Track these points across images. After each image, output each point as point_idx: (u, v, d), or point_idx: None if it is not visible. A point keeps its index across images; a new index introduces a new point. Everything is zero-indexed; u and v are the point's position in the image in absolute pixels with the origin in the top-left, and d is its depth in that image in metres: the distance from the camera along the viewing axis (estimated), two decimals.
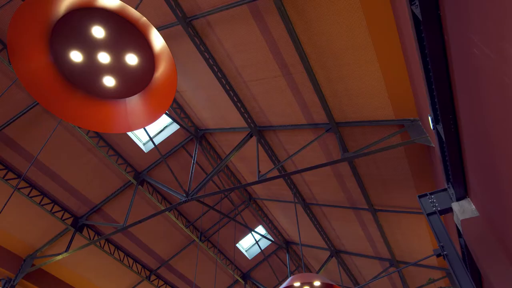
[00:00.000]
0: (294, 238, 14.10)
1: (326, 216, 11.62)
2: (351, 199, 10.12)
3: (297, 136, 8.82)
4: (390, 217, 9.99)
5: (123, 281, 12.29)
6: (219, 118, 9.64)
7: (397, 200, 9.31)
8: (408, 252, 11.33)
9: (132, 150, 10.08)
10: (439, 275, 10.82)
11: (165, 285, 13.13)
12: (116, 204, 10.79)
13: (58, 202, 10.00)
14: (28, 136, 8.79)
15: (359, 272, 14.16)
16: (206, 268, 13.54)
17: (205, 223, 12.55)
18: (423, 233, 9.90)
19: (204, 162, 11.27)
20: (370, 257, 12.44)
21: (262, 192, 12.28)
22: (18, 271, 9.94)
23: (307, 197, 11.15)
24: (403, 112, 6.73)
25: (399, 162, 8.06)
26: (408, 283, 12.60)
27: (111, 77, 3.02)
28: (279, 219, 13.48)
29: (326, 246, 12.83)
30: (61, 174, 9.64)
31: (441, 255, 4.00)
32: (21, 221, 9.76)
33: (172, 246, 12.65)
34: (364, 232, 11.34)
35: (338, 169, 9.21)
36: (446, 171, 4.54)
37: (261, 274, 15.07)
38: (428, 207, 4.62)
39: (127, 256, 11.87)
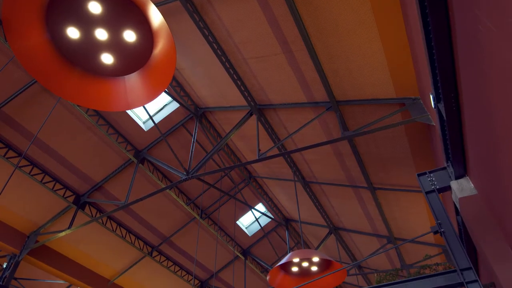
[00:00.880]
0: (293, 215, 14.30)
1: (325, 194, 11.74)
2: (350, 177, 10.19)
3: (297, 115, 8.79)
4: (389, 195, 10.10)
5: (126, 257, 12.55)
6: (219, 96, 9.58)
7: (396, 179, 9.38)
8: (406, 230, 11.52)
9: (132, 128, 10.06)
10: (436, 251, 11.03)
11: (166, 261, 13.41)
12: (117, 182, 10.88)
13: (59, 180, 10.07)
14: (27, 114, 8.76)
15: (357, 248, 14.44)
16: (207, 245, 13.80)
17: (205, 201, 12.69)
18: (421, 211, 10.03)
19: (204, 140, 11.28)
20: (368, 234, 12.65)
21: (262, 170, 12.35)
22: (23, 248, 10.13)
23: (306, 175, 11.22)
24: (404, 91, 6.68)
25: (399, 141, 8.06)
26: (405, 260, 12.88)
27: (109, 55, 2.98)
28: (279, 197, 13.62)
29: (325, 223, 13.03)
30: (62, 153, 9.67)
31: (438, 232, 4.06)
32: (24, 199, 9.87)
33: (173, 223, 12.84)
34: (363, 210, 11.49)
35: (338, 148, 9.23)
36: (446, 149, 4.55)
37: (261, 251, 15.37)
38: (427, 186, 4.66)
39: (129, 233, 12.07)
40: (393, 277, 5.76)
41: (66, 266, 11.24)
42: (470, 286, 3.58)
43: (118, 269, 12.64)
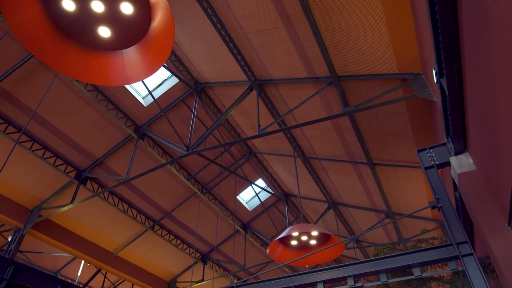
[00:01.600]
0: (293, 190, 14.45)
1: (325, 170, 11.81)
2: (350, 153, 10.22)
3: (298, 90, 8.71)
4: (388, 171, 10.16)
5: (128, 231, 12.78)
6: (218, 71, 9.46)
7: (395, 155, 9.41)
8: (404, 205, 11.67)
9: (131, 104, 10.00)
10: (432, 226, 11.22)
11: (168, 235, 13.67)
12: (117, 157, 10.92)
13: (60, 155, 10.11)
14: (25, 89, 8.68)
15: (355, 223, 14.68)
16: (208, 219, 14.02)
17: (205, 176, 12.79)
18: (419, 187, 10.12)
19: (204, 116, 11.24)
20: (366, 209, 12.83)
21: (262, 146, 12.37)
22: (27, 222, 10.30)
23: (306, 151, 11.25)
24: (406, 66, 6.59)
25: (399, 117, 8.03)
26: (402, 234, 13.12)
27: (106, 28, 2.91)
28: (279, 172, 13.71)
29: (324, 198, 13.18)
30: (62, 128, 9.65)
31: (436, 207, 4.11)
32: (26, 174, 9.94)
33: (174, 198, 13.00)
34: (362, 185, 11.60)
35: (339, 124, 9.21)
36: (447, 125, 4.54)
37: (261, 225, 15.63)
38: (427, 161, 4.68)
39: (131, 208, 12.23)
40: (390, 250, 5.88)
41: (69, 239, 11.46)
42: (465, 259, 3.65)
43: (120, 243, 12.90)
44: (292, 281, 4.49)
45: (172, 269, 14.95)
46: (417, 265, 4.00)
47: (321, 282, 4.36)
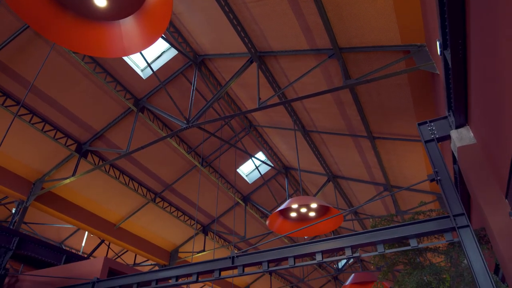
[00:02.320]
0: (293, 164, 14.54)
1: (325, 143, 11.83)
2: (350, 126, 10.20)
3: (298, 62, 8.58)
4: (388, 144, 10.18)
5: (130, 203, 12.97)
6: (218, 43, 9.28)
7: (396, 128, 9.39)
8: (403, 178, 11.77)
9: (130, 76, 9.89)
10: (430, 199, 11.37)
11: (169, 207, 13.88)
12: (118, 130, 10.92)
13: (60, 128, 10.10)
14: (22, 62, 8.56)
15: (354, 196, 14.87)
16: (208, 191, 14.19)
17: (206, 149, 12.83)
18: (419, 160, 10.17)
19: (204, 89, 11.13)
20: (365, 182, 12.95)
21: (262, 119, 12.34)
22: (29, 194, 10.43)
23: (307, 124, 11.23)
24: (410, 37, 6.45)
25: (401, 90, 7.95)
26: (400, 206, 13.31)
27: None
28: (279, 145, 13.75)
29: (324, 171, 13.29)
30: (61, 101, 9.59)
31: (435, 180, 4.14)
32: (26, 147, 9.97)
33: (174, 171, 13.10)
34: (362, 159, 11.66)
35: (339, 96, 9.13)
36: (449, 98, 4.50)
37: (261, 197, 15.85)
38: (427, 135, 4.67)
39: (132, 180, 12.35)
40: (387, 222, 5.98)
41: (73, 211, 11.66)
42: (461, 230, 3.72)
43: (123, 214, 13.12)
44: (291, 251, 4.60)
45: (174, 240, 15.29)
46: (414, 236, 4.08)
47: (319, 252, 4.47)
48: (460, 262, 5.47)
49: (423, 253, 5.87)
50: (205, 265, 5.17)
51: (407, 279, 5.34)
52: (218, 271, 5.01)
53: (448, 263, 5.62)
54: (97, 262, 6.69)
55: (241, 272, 4.88)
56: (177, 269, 5.38)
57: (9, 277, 7.58)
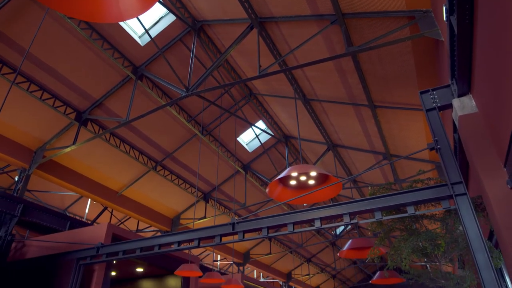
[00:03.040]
0: (293, 132, 14.55)
1: (325, 112, 11.77)
2: (351, 95, 10.11)
3: (300, 29, 8.37)
4: (389, 113, 10.13)
5: (131, 171, 13.10)
6: (217, 8, 9.01)
7: (397, 97, 9.31)
8: (402, 147, 11.81)
9: (127, 43, 9.68)
10: (429, 168, 11.47)
11: (170, 175, 14.03)
12: (117, 99, 10.84)
13: (58, 97, 10.02)
14: (17, 28, 8.35)
15: (353, 164, 14.99)
16: (209, 160, 14.30)
17: (206, 118, 12.80)
18: (419, 129, 10.16)
19: (203, 56, 10.94)
20: (365, 151, 13.01)
21: (262, 87, 12.21)
22: (31, 162, 10.51)
23: (307, 92, 11.12)
24: (415, 2, 6.25)
25: (404, 57, 7.81)
26: (398, 175, 13.45)
27: None
28: (279, 114, 13.70)
29: (324, 140, 13.31)
30: (58, 69, 9.45)
31: (434, 149, 4.15)
32: (26, 116, 9.93)
33: (175, 140, 13.14)
34: (362, 128, 11.64)
35: (341, 64, 8.99)
36: (453, 66, 4.42)
37: (261, 166, 15.99)
38: (428, 103, 4.63)
39: (133, 149, 12.41)
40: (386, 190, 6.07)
41: (75, 179, 11.80)
42: (458, 198, 3.77)
43: (124, 182, 13.29)
44: (291, 218, 4.69)
45: (175, 207, 15.59)
46: (411, 203, 4.14)
47: (318, 219, 4.56)
48: (455, 229, 5.60)
49: (419, 220, 5.99)
50: (207, 231, 5.30)
51: (403, 244, 5.49)
52: (219, 237, 5.13)
53: (444, 230, 5.76)
54: (100, 228, 6.85)
55: (241, 238, 5.00)
56: (179, 235, 5.51)
57: (16, 242, 7.80)
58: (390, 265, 5.74)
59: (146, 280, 10.38)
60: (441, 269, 5.88)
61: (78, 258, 6.30)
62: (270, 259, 22.86)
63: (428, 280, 6.12)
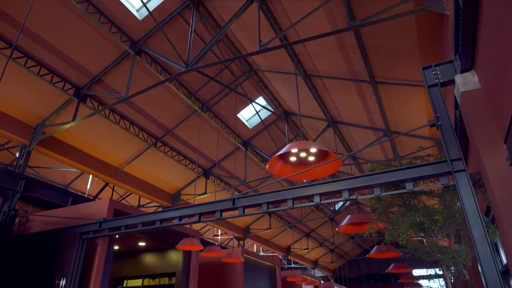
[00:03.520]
0: (293, 109, 14.48)
1: (326, 88, 11.68)
2: (353, 71, 10.00)
3: (301, 2, 8.17)
4: (390, 89, 10.05)
5: (132, 147, 13.14)
6: None
7: (399, 73, 9.21)
8: (403, 124, 11.79)
9: (125, 17, 9.47)
10: (429, 144, 11.48)
11: (171, 151, 14.08)
12: (115, 74, 10.72)
13: (56, 72, 9.90)
14: (12, 2, 8.14)
15: (353, 141, 15.01)
16: (209, 136, 14.31)
17: (206, 94, 12.71)
18: (420, 106, 10.11)
19: (203, 31, 10.73)
20: (365, 127, 12.99)
21: (263, 63, 12.06)
22: (31, 138, 10.52)
23: (308, 68, 10.99)
24: None
25: (407, 33, 7.67)
26: (398, 152, 13.49)
27: None
28: (279, 90, 13.59)
29: (324, 117, 13.27)
30: (55, 44, 9.29)
31: (435, 125, 4.13)
32: (24, 92, 9.85)
33: (175, 116, 13.10)
34: (363, 104, 11.58)
35: (343, 39, 8.83)
36: (457, 40, 4.34)
37: (261, 142, 16.01)
38: (431, 79, 4.57)
39: (133, 125, 12.39)
40: (385, 166, 6.10)
41: (76, 155, 11.84)
42: (457, 174, 3.79)
43: (125, 158, 13.35)
44: (290, 193, 4.74)
45: (176, 183, 15.73)
46: (411, 180, 4.17)
47: (317, 195, 4.60)
48: (453, 205, 5.66)
49: (418, 196, 6.05)
50: (207, 206, 5.36)
51: (401, 220, 5.57)
52: (219, 212, 5.20)
53: (441, 206, 5.83)
54: (103, 204, 6.93)
55: (242, 213, 5.07)
56: (181, 210, 5.58)
57: (20, 217, 7.91)
58: (387, 240, 5.85)
59: (148, 254, 10.62)
60: (438, 243, 6.00)
61: (81, 232, 6.41)
62: (270, 234, 23.30)
63: (425, 254, 6.25)
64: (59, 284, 6.11)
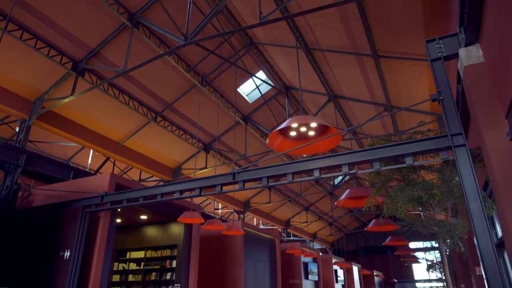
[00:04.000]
0: (294, 83, 14.34)
1: (327, 62, 11.51)
2: (355, 44, 9.82)
3: None
4: (393, 63, 9.90)
5: (131, 122, 13.11)
6: None
7: (402, 47, 9.05)
8: (404, 99, 11.70)
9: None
10: (429, 119, 11.44)
11: (171, 126, 14.06)
12: (113, 47, 10.54)
13: (53, 45, 9.73)
14: None
15: (354, 116, 14.96)
16: (209, 111, 14.24)
17: (205, 68, 12.54)
18: (422, 81, 10.00)
19: (202, 2, 10.45)
20: (366, 102, 12.91)
21: (263, 36, 11.83)
22: (31, 113, 10.47)
23: (309, 42, 10.79)
24: None
25: (411, 4, 7.47)
26: (398, 127, 13.47)
27: None
28: (280, 64, 13.41)
29: (325, 91, 13.16)
30: (51, 16, 9.08)
31: (437, 100, 4.09)
32: (21, 66, 9.72)
33: (174, 90, 12.98)
34: (364, 78, 11.45)
35: (346, 11, 8.62)
36: (462, 12, 4.23)
37: (261, 117, 15.96)
38: (434, 53, 4.48)
39: (132, 99, 12.31)
40: (385, 141, 6.10)
41: (76, 130, 11.83)
42: (457, 149, 3.79)
43: (125, 133, 13.35)
44: (290, 168, 4.76)
45: (177, 157, 15.81)
46: (410, 154, 4.17)
47: (317, 169, 4.62)
48: (452, 179, 5.71)
49: (417, 170, 6.09)
50: (208, 180, 5.40)
51: (399, 194, 5.63)
52: (219, 186, 5.25)
53: (440, 180, 5.88)
54: (104, 178, 6.99)
55: (242, 187, 5.11)
56: (181, 184, 5.63)
57: (22, 191, 8.00)
58: (385, 213, 5.93)
59: (150, 227, 10.81)
60: (435, 217, 6.09)
61: (84, 206, 6.50)
62: (270, 208, 23.66)
63: (422, 227, 6.36)
64: (64, 255, 6.26)
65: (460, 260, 16.48)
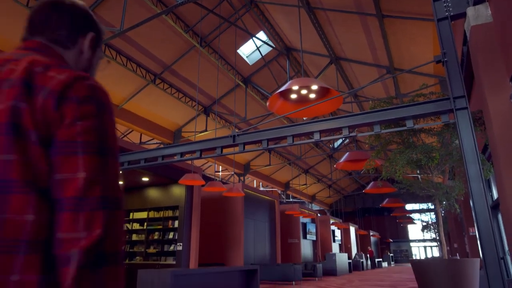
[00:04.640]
0: (295, 44, 14.00)
1: (330, 22, 11.17)
2: (359, 3, 9.48)
3: None
4: (397, 24, 9.61)
5: (130, 85, 12.94)
6: None
7: (407, 5, 8.73)
8: (408, 61, 11.48)
9: None
10: (432, 82, 11.29)
11: (170, 88, 13.90)
12: (108, 6, 10.16)
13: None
14: None
15: (355, 78, 14.74)
16: (209, 73, 14.01)
17: (204, 28, 12.19)
18: (426, 42, 9.75)
19: None
20: (369, 64, 12.67)
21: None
22: None
23: (312, 0, 10.41)
24: None
25: None
26: (400, 89, 13.31)
27: None
28: (281, 24, 13.01)
29: (327, 53, 12.88)
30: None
31: (441, 62, 4.01)
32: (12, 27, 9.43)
33: (173, 52, 12.70)
34: (367, 39, 11.16)
35: None
36: None
37: (261, 79, 15.74)
38: (441, 12, 4.32)
39: (130, 61, 12.07)
40: (386, 104, 6.05)
41: None
42: (459, 112, 3.77)
43: (124, 96, 13.23)
44: (290, 130, 4.76)
45: (177, 120, 15.77)
46: (411, 117, 4.16)
47: (317, 132, 4.63)
48: (451, 143, 5.72)
49: (417, 133, 6.09)
50: (208, 142, 5.42)
51: (398, 157, 5.67)
52: (220, 149, 5.27)
53: (440, 143, 5.90)
54: None
55: (242, 150, 5.14)
56: (182, 146, 5.66)
57: None
58: (384, 176, 6.01)
59: (152, 188, 11.01)
60: (433, 179, 6.17)
61: None
62: (270, 170, 23.96)
63: (419, 189, 6.46)
64: None
65: (455, 221, 16.95)
